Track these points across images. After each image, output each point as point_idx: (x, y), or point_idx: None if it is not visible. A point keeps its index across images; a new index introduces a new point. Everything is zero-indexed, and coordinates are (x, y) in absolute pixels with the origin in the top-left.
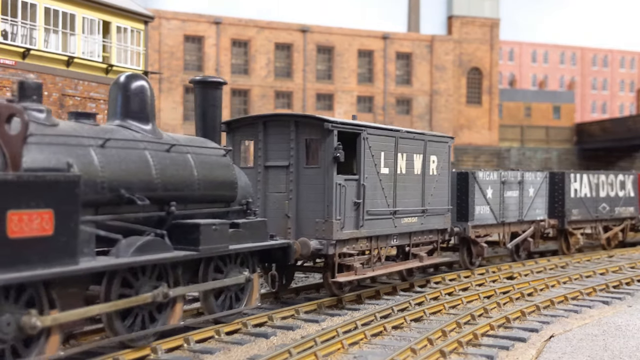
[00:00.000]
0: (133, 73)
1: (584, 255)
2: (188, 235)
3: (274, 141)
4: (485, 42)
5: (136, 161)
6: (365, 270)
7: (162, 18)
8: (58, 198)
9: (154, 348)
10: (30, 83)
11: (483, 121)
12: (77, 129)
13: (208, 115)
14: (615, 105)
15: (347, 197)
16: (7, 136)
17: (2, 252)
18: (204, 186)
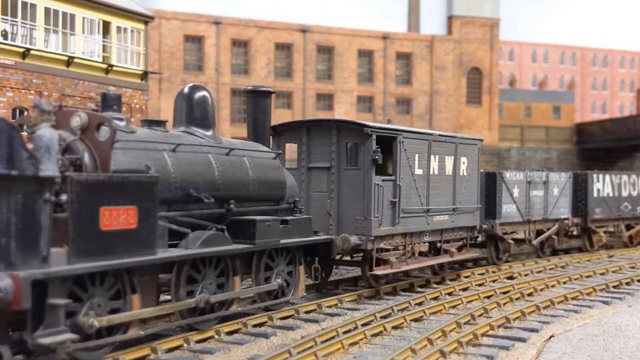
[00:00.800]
0: (196, 84)
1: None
2: (245, 230)
3: (317, 144)
4: (485, 42)
5: (202, 163)
6: (400, 264)
7: (162, 18)
8: (140, 196)
9: (153, 348)
10: (111, 95)
11: (483, 121)
12: (152, 135)
13: (259, 122)
14: (615, 105)
15: (384, 196)
16: (97, 142)
17: (96, 243)
18: (257, 186)
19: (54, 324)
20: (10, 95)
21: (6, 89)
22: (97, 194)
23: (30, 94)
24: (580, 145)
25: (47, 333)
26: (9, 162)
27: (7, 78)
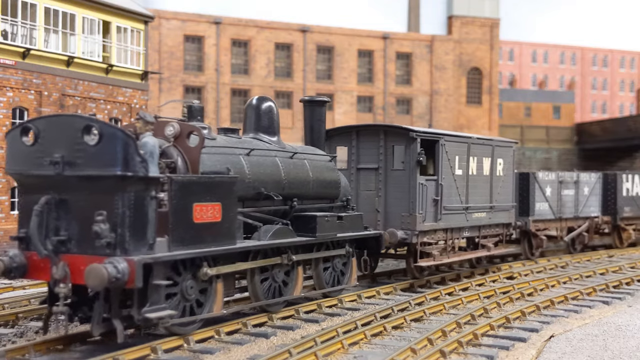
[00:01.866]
0: (263, 96)
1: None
2: (307, 225)
3: (365, 147)
4: (485, 42)
5: (270, 166)
6: (442, 257)
7: (162, 18)
8: (223, 194)
9: (153, 348)
10: (196, 107)
11: (483, 121)
12: (229, 142)
13: (315, 128)
14: (615, 105)
15: (428, 195)
16: (188, 148)
17: (190, 233)
18: (316, 185)
19: (157, 301)
20: (10, 95)
21: (6, 89)
22: (190, 192)
23: (30, 94)
24: (580, 145)
25: (152, 309)
26: (125, 165)
27: (7, 78)
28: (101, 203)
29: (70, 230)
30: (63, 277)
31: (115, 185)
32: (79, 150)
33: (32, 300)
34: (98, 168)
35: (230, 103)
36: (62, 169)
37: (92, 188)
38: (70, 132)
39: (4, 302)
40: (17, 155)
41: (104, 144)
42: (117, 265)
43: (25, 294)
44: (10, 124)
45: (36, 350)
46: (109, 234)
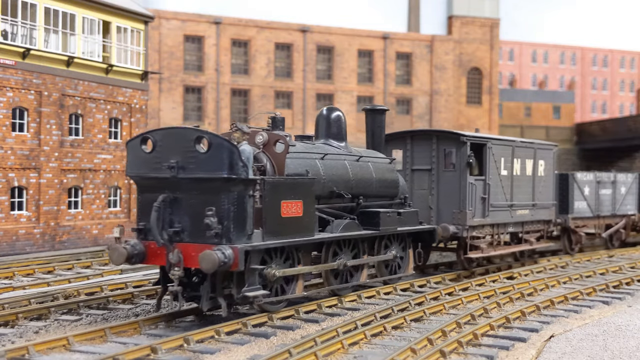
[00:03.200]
0: (332, 107)
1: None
2: (372, 219)
3: (419, 150)
4: (485, 42)
5: (341, 168)
6: (489, 250)
7: (162, 18)
8: (304, 193)
9: (154, 348)
10: (279, 118)
11: (483, 121)
12: (306, 147)
13: (376, 134)
14: (615, 105)
15: (476, 193)
16: (275, 154)
17: (278, 226)
18: (378, 185)
19: (253, 283)
20: (10, 95)
21: (6, 89)
22: (278, 191)
23: (30, 94)
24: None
25: (249, 289)
26: (230, 169)
27: (7, 78)
28: (210, 200)
29: (183, 223)
30: (177, 262)
31: (222, 186)
32: (191, 156)
33: (32, 300)
34: (207, 172)
35: (230, 103)
36: (177, 172)
37: (202, 188)
38: (184, 141)
39: (4, 302)
40: (137, 160)
41: (212, 151)
42: (224, 252)
43: (25, 294)
44: (10, 124)
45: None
46: (217, 226)
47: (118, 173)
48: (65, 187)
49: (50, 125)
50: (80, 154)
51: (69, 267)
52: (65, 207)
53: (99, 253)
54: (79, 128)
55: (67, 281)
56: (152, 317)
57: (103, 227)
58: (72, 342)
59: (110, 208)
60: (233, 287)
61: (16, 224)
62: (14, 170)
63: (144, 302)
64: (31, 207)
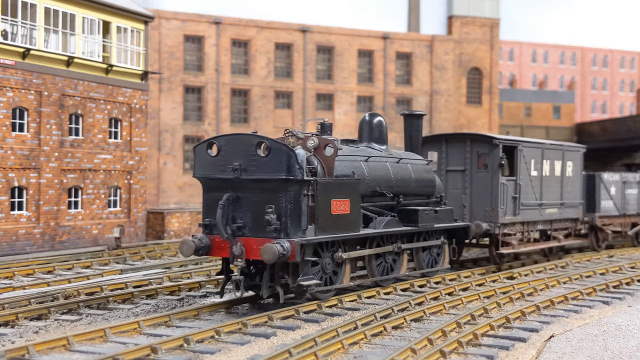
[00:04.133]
0: (374, 112)
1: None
2: (411, 217)
3: (453, 152)
4: (485, 42)
5: (383, 169)
6: (519, 246)
7: (162, 18)
8: (351, 192)
9: (154, 348)
10: (326, 124)
11: (483, 121)
12: (352, 151)
13: (413, 137)
14: (615, 105)
15: (508, 193)
16: (325, 157)
17: (329, 222)
18: (416, 185)
19: (307, 273)
20: (10, 95)
21: (6, 89)
22: (329, 190)
23: (30, 94)
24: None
25: (304, 279)
26: (288, 171)
27: (7, 78)
28: (269, 199)
29: (245, 219)
30: (240, 254)
31: (280, 186)
32: (252, 160)
33: (32, 300)
34: (267, 173)
35: (230, 103)
36: (240, 174)
37: (262, 188)
38: (246, 146)
39: (4, 302)
40: (204, 163)
41: (272, 155)
42: (283, 245)
43: (25, 294)
44: (10, 124)
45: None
46: (276, 222)
47: (118, 173)
48: (65, 187)
49: (50, 125)
50: (80, 154)
51: (69, 267)
52: (65, 207)
53: (99, 253)
54: (79, 128)
55: (67, 281)
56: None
57: (103, 227)
58: (72, 342)
59: (110, 208)
60: (289, 276)
61: (16, 224)
62: (14, 170)
63: (144, 302)
64: (31, 207)
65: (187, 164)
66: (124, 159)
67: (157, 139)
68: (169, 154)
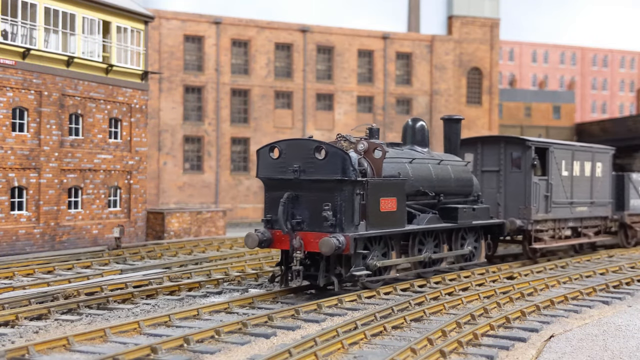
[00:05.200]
0: (417, 117)
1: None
2: (450, 214)
3: (488, 154)
4: (485, 42)
5: (425, 170)
6: (551, 242)
7: (162, 18)
8: (397, 191)
9: (154, 348)
10: (374, 129)
11: (483, 121)
12: (397, 153)
13: (452, 140)
14: (615, 105)
15: (540, 191)
16: (374, 159)
17: (378, 219)
18: (456, 184)
19: (359, 264)
20: (10, 95)
21: (6, 89)
22: (378, 190)
23: (30, 94)
24: None
25: (356, 269)
26: (343, 173)
27: (7, 78)
28: (326, 198)
29: (303, 215)
30: (299, 247)
31: (336, 186)
32: (311, 162)
33: (32, 300)
34: (324, 174)
35: (230, 103)
36: (299, 174)
37: (319, 187)
38: (305, 150)
39: (4, 302)
40: (266, 165)
41: (329, 158)
42: (338, 239)
43: (25, 294)
44: (10, 124)
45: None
46: (332, 218)
47: (118, 173)
48: (65, 187)
49: (50, 125)
50: (80, 154)
51: (69, 267)
52: (65, 207)
53: (99, 253)
54: (79, 128)
55: (67, 281)
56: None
57: (103, 227)
58: (72, 342)
59: (110, 208)
60: (342, 267)
61: (16, 224)
62: (14, 170)
63: (144, 302)
64: (31, 207)
65: (187, 164)
66: (124, 159)
67: (157, 139)
68: (169, 154)
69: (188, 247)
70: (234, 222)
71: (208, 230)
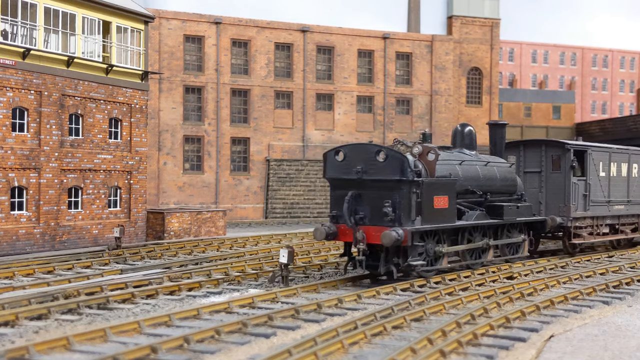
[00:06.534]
0: (465, 123)
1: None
2: (497, 211)
3: (530, 156)
4: (485, 42)
5: (473, 171)
6: (590, 238)
7: (162, 18)
8: (449, 190)
9: (154, 348)
10: (427, 134)
11: (483, 121)
12: (449, 156)
13: (497, 143)
14: (615, 105)
15: (579, 191)
16: (427, 161)
17: (432, 215)
18: (501, 184)
19: (415, 255)
20: (10, 95)
21: (6, 89)
22: (432, 189)
23: (30, 94)
24: None
25: (413, 260)
26: (401, 173)
27: (7, 78)
28: (386, 196)
29: (365, 211)
30: (361, 239)
31: (395, 185)
32: (372, 164)
33: (32, 300)
34: (385, 175)
35: (230, 103)
36: (362, 175)
37: (380, 187)
38: (367, 153)
39: (4, 302)
40: (332, 167)
41: (389, 161)
42: (397, 232)
43: (25, 294)
44: (10, 124)
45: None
46: (392, 214)
47: (118, 173)
48: (65, 187)
49: (50, 125)
50: (80, 154)
51: (69, 267)
52: (65, 207)
53: (99, 253)
54: (79, 128)
55: (67, 281)
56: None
57: (103, 227)
58: (72, 342)
59: (110, 208)
60: (400, 258)
61: (16, 224)
62: (14, 170)
63: (144, 302)
64: (31, 207)
65: (187, 164)
66: (124, 159)
67: (157, 139)
68: (169, 154)
69: (188, 247)
70: (233, 222)
71: (208, 230)
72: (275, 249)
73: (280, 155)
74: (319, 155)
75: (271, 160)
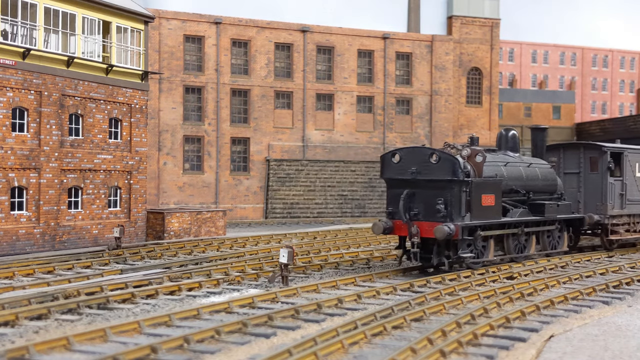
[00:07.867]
0: (509, 127)
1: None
2: (538, 208)
3: (569, 158)
4: (485, 42)
5: (517, 172)
6: (626, 234)
7: (162, 18)
8: (495, 189)
9: (154, 348)
10: (474, 137)
11: (483, 121)
12: (494, 158)
13: (538, 146)
14: (615, 105)
15: (615, 190)
16: (475, 163)
17: (480, 212)
18: (542, 184)
19: (464, 248)
20: (10, 95)
21: (6, 89)
22: (480, 188)
23: (30, 94)
24: None
25: (463, 252)
26: (453, 174)
27: (7, 78)
28: (438, 194)
29: (419, 208)
30: (416, 233)
31: (447, 185)
32: (426, 165)
33: (32, 300)
34: (437, 175)
35: (230, 103)
36: (416, 175)
37: (433, 186)
38: (421, 155)
39: (4, 302)
40: (389, 168)
41: (441, 162)
42: (449, 227)
43: (25, 294)
44: (10, 124)
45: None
46: (444, 211)
47: (118, 173)
48: (65, 187)
49: (50, 125)
50: (80, 154)
51: (69, 267)
52: (65, 207)
53: (99, 253)
54: (79, 128)
55: (67, 281)
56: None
57: (103, 227)
58: (72, 342)
59: (110, 208)
60: (451, 251)
61: (16, 224)
62: (14, 170)
63: (144, 302)
64: (31, 207)
65: (187, 164)
66: (124, 159)
67: (157, 139)
68: (169, 154)
69: (188, 247)
70: (233, 222)
71: (208, 230)
72: (275, 249)
73: (280, 155)
74: (318, 155)
75: (271, 160)
